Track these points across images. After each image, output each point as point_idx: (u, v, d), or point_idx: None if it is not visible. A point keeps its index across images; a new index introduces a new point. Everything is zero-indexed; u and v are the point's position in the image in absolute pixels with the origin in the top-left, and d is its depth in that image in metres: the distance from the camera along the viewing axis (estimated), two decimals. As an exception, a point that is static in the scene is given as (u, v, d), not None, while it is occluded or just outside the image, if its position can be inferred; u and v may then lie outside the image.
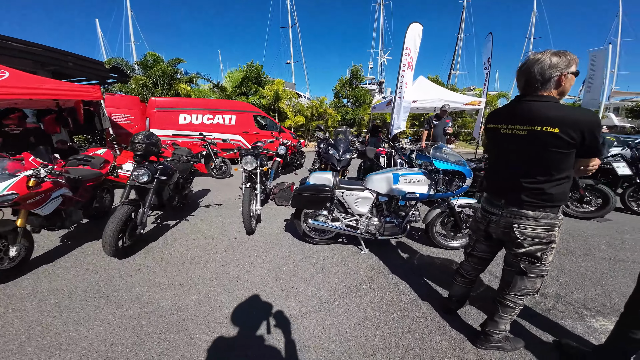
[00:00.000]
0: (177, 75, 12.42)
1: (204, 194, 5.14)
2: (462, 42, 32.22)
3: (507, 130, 1.47)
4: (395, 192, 2.67)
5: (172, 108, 7.81)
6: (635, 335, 1.38)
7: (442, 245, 3.06)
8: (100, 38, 33.38)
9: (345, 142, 4.46)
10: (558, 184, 1.39)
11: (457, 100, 8.49)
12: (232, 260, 2.85)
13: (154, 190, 2.98)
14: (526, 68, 1.40)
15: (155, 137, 3.05)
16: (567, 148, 1.31)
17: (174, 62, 12.48)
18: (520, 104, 1.44)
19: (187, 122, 7.82)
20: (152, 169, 2.94)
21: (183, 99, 9.65)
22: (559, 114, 1.30)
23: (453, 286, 2.05)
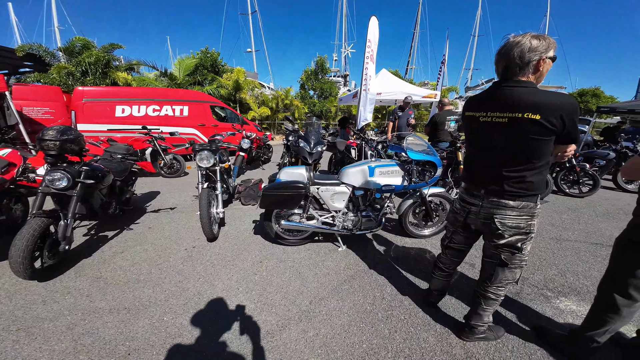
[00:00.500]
0: (113, 63, 10.73)
1: (152, 197, 4.45)
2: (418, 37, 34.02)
3: (486, 118, 1.40)
4: (371, 185, 2.53)
5: (107, 99, 6.65)
6: (610, 319, 1.43)
7: (415, 234, 3.06)
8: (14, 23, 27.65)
9: (316, 133, 4.20)
10: (538, 172, 1.36)
11: (416, 93, 8.89)
12: (191, 273, 2.43)
13: (78, 198, 2.38)
14: (505, 51, 1.32)
15: (73, 133, 2.41)
16: (548, 135, 1.27)
17: (109, 48, 10.74)
18: (499, 90, 1.36)
19: (127, 115, 6.75)
20: (73, 172, 2.34)
21: (120, 88, 8.35)
22: (540, 100, 1.25)
23: (432, 280, 1.99)
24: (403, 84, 9.96)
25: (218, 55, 13.27)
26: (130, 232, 3.19)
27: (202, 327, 1.86)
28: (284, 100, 13.79)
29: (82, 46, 10.18)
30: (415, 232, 3.05)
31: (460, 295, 2.20)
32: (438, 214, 2.98)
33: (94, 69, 9.90)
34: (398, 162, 2.62)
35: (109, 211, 3.07)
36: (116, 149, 3.58)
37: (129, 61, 11.36)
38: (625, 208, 4.45)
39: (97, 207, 2.84)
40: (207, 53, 12.96)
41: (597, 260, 2.78)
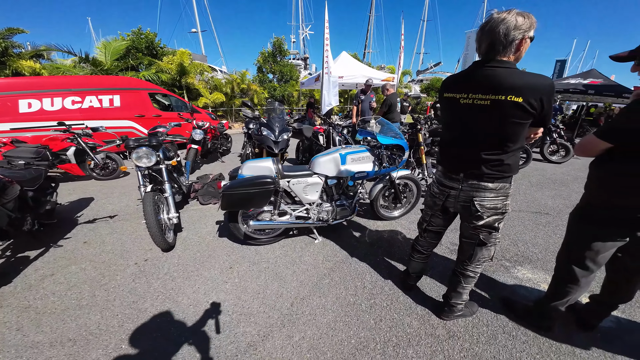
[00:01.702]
0: (13, 50, 8.60)
1: (83, 205, 3.72)
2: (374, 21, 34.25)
3: (467, 100, 1.35)
4: (344, 173, 2.43)
5: (4, 92, 5.29)
6: (571, 289, 1.57)
7: (386, 217, 3.11)
8: None
9: (281, 120, 3.88)
10: (513, 154, 1.38)
11: (376, 76, 9.01)
12: (146, 291, 2.08)
13: None
14: (490, 28, 1.25)
15: None
16: (527, 118, 1.27)
17: (7, 34, 8.56)
18: (481, 71, 1.31)
19: (36, 110, 5.46)
20: None
21: (22, 79, 6.70)
22: (521, 82, 1.22)
23: (411, 263, 2.01)
24: (364, 68, 10.03)
25: (155, 37, 11.61)
26: (59, 249, 2.61)
27: (171, 351, 1.59)
28: (240, 84, 12.73)
29: (-31, 33, 7.92)
30: (386, 214, 3.09)
31: (433, 274, 2.29)
32: (405, 195, 3.05)
33: (-16, 58, 7.82)
34: (368, 147, 2.56)
35: (24, 228, 2.43)
36: (20, 152, 2.82)
37: (37, 47, 9.24)
38: (553, 177, 5.20)
39: (5, 225, 2.22)
40: (141, 34, 11.24)
41: (539, 228, 3.14)
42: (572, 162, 6.50)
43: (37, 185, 2.71)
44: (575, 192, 4.29)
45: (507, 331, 1.77)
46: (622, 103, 11.39)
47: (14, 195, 2.31)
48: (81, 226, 3.10)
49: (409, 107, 10.24)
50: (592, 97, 9.85)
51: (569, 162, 6.44)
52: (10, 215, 2.26)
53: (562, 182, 4.91)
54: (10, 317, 1.81)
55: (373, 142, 2.63)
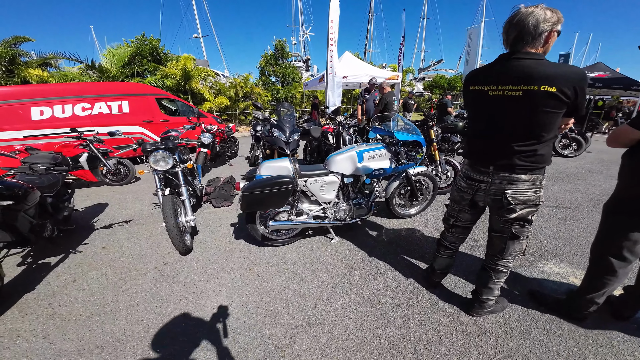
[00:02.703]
0: (21, 58, 8.74)
1: (98, 211, 3.75)
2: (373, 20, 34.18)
3: (497, 91, 1.34)
4: (361, 170, 2.40)
5: (15, 100, 5.36)
6: (609, 280, 1.53)
7: (402, 215, 3.08)
8: None
9: (291, 120, 3.87)
10: (547, 144, 1.36)
11: (379, 75, 8.98)
12: (169, 295, 2.07)
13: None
14: (519, 20, 1.26)
15: None
16: (561, 107, 1.26)
17: (13, 42, 8.66)
18: (511, 62, 1.31)
19: (48, 117, 5.54)
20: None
21: (35, 86, 6.83)
22: (554, 71, 1.22)
23: (437, 259, 1.98)
24: (367, 67, 10.02)
25: (158, 42, 11.71)
26: (79, 255, 2.62)
27: (200, 356, 1.58)
28: (244, 88, 12.81)
29: (-23, 42, 8.07)
30: (403, 212, 3.05)
31: (455, 270, 2.25)
32: (422, 193, 3.01)
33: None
34: (384, 144, 2.53)
35: (45, 234, 2.45)
36: (38, 158, 2.84)
37: (43, 55, 9.37)
38: (567, 171, 5.11)
39: (27, 232, 2.23)
40: (145, 40, 11.33)
41: (560, 222, 3.09)
42: (584, 155, 6.40)
43: (56, 191, 2.73)
44: (591, 185, 4.21)
45: (540, 325, 1.73)
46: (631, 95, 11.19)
47: (34, 202, 2.33)
48: (98, 231, 3.12)
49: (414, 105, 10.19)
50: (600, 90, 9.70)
51: (581, 155, 6.34)
52: (31, 221, 2.28)
53: (577, 175, 4.83)
54: (36, 325, 1.81)
55: (389, 139, 2.60)
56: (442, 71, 32.39)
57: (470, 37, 12.81)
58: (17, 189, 2.13)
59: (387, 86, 5.54)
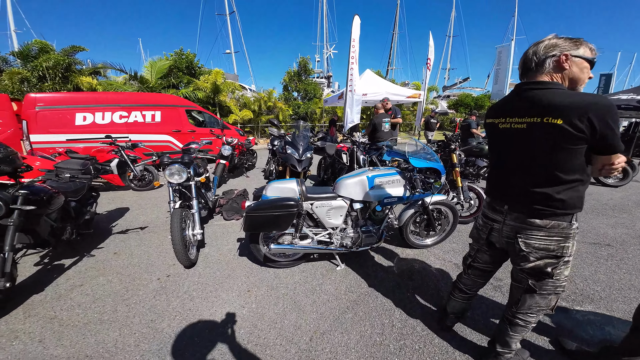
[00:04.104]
0: (75, 67, 9.82)
1: (119, 215, 3.93)
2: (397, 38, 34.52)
3: (505, 124, 1.25)
4: (371, 197, 2.28)
5: (64, 106, 5.94)
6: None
7: (416, 245, 2.86)
8: None
9: (304, 138, 3.87)
10: (569, 187, 1.14)
11: (401, 93, 8.90)
12: (165, 310, 2.04)
13: (15, 227, 1.93)
14: (526, 50, 1.23)
15: (4, 150, 1.96)
16: (574, 143, 1.07)
17: (70, 51, 9.80)
18: (520, 93, 1.23)
19: (89, 123, 6.07)
20: (6, 197, 1.89)
21: (80, 94, 7.56)
22: (561, 101, 1.07)
23: (450, 301, 1.78)
24: (388, 85, 9.97)
25: (194, 57, 12.64)
26: (92, 259, 2.72)
27: (179, 386, 1.51)
28: (267, 102, 13.32)
29: (40, 50, 9.23)
30: (417, 242, 2.84)
31: (474, 314, 2.00)
32: (440, 223, 2.79)
33: (52, 73, 8.98)
34: (398, 170, 2.39)
35: (63, 237, 2.58)
36: (69, 164, 3.06)
37: (95, 64, 10.47)
38: (611, 203, 4.54)
39: (47, 235, 2.36)
40: (182, 54, 12.30)
41: (600, 262, 2.70)
42: (631, 185, 5.68)
43: (80, 196, 2.90)
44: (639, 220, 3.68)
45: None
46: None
47: (58, 206, 2.47)
48: (114, 236, 3.24)
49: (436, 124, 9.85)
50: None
51: (627, 185, 5.63)
52: (52, 225, 2.41)
53: (622, 208, 4.26)
54: (35, 327, 1.85)
55: (404, 164, 2.46)
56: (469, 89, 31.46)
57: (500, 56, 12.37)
58: (43, 194, 2.27)
59: (380, 108, 5.49)
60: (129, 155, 4.99)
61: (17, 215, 1.94)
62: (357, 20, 7.58)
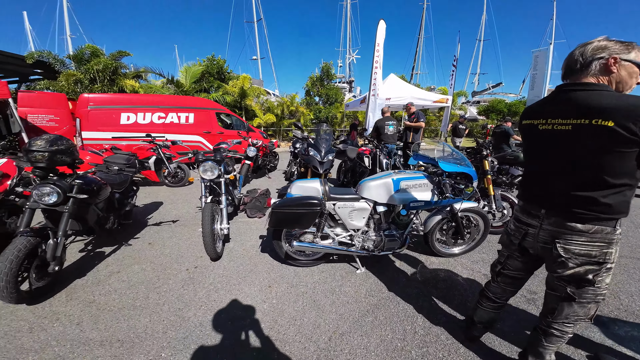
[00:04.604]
0: (121, 70, 10.76)
1: (153, 209, 4.22)
2: (423, 42, 33.82)
3: (546, 125, 1.19)
4: (396, 200, 2.24)
5: (112, 106, 6.53)
6: None
7: (442, 253, 2.74)
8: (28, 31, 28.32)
9: (327, 141, 3.92)
10: (616, 191, 1.07)
11: (427, 97, 8.65)
12: (192, 300, 2.15)
13: (70, 214, 2.15)
14: (570, 51, 1.19)
15: (65, 143, 2.18)
16: (626, 146, 1.00)
17: (117, 55, 10.76)
18: (561, 94, 1.18)
19: (132, 122, 6.61)
20: (64, 186, 2.11)
21: (125, 95, 8.26)
22: (613, 103, 1.02)
23: (478, 311, 1.69)
24: (412, 89, 9.74)
25: (224, 63, 13.29)
26: (129, 248, 2.95)
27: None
28: (290, 106, 13.66)
29: (91, 53, 10.24)
30: (443, 250, 2.72)
31: (503, 325, 1.88)
32: (470, 231, 2.66)
33: (102, 76, 9.92)
34: (425, 173, 2.33)
35: (107, 226, 2.83)
36: (116, 158, 3.36)
37: (137, 68, 11.40)
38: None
39: (93, 223, 2.60)
40: (214, 60, 12.99)
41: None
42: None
43: (124, 188, 3.16)
44: None
45: None
46: None
47: (105, 197, 2.72)
48: (149, 228, 3.49)
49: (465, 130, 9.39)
50: None
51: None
52: (99, 214, 2.65)
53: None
54: (75, 311, 2.02)
55: (432, 168, 2.38)
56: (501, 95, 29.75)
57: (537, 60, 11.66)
58: (94, 184, 2.51)
59: (386, 112, 5.63)
60: (165, 154, 5.35)
61: (72, 203, 2.16)
62: (383, 24, 7.57)
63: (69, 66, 10.31)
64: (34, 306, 2.04)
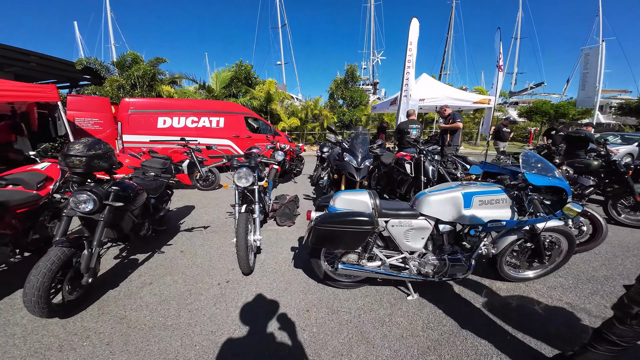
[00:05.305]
0: (158, 76, 11.34)
1: (186, 213, 4.18)
2: (452, 42, 32.26)
3: None
4: (467, 219, 1.85)
5: (150, 110, 6.76)
6: None
7: (512, 277, 2.30)
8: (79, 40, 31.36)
9: (363, 145, 3.59)
10: None
11: (465, 98, 7.98)
12: (225, 322, 1.95)
13: (105, 222, 2.05)
14: None
15: (102, 147, 2.08)
16: None
17: (155, 62, 11.39)
18: None
19: (168, 126, 6.78)
20: (101, 193, 2.01)
21: (162, 100, 8.59)
22: None
23: (587, 354, 1.37)
24: (448, 89, 9.05)
25: (251, 68, 13.52)
26: (162, 256, 2.85)
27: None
28: (313, 110, 13.53)
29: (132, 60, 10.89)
30: (513, 274, 2.28)
31: None
32: (550, 254, 2.18)
33: (141, 82, 10.49)
34: (502, 187, 1.92)
35: (141, 233, 2.75)
36: (153, 162, 3.32)
37: (172, 74, 11.93)
38: None
39: (128, 230, 2.52)
40: (242, 66, 13.26)
41: None
42: None
43: (159, 193, 3.10)
44: None
45: None
46: None
47: (141, 203, 2.64)
48: (181, 234, 3.41)
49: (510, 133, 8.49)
50: None
51: None
52: (134, 220, 2.57)
53: None
54: (106, 328, 1.89)
55: (509, 181, 1.96)
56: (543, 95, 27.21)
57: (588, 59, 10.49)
58: (130, 190, 2.42)
59: (411, 115, 5.50)
60: (197, 157, 5.38)
61: (108, 211, 2.07)
62: (416, 22, 7.19)
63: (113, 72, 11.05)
64: (65, 320, 1.95)
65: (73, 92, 11.46)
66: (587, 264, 2.72)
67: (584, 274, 2.54)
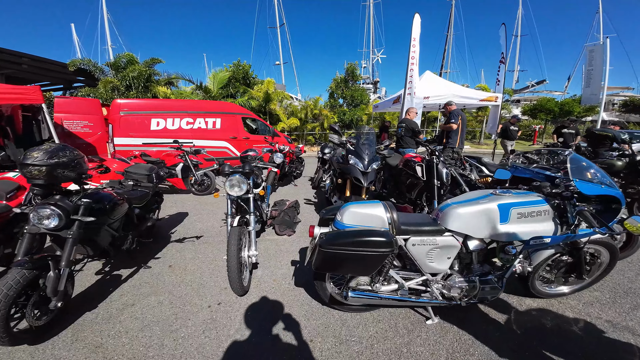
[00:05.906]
0: (154, 77, 11.05)
1: (179, 220, 3.89)
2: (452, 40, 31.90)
3: None
4: (505, 237, 1.56)
5: (143, 112, 6.47)
6: None
7: (543, 293, 2.02)
8: (76, 42, 31.09)
9: (371, 147, 3.28)
10: None
11: (472, 95, 7.68)
12: (214, 352, 1.67)
13: (74, 240, 1.77)
14: None
15: (69, 154, 1.79)
16: None
17: (150, 63, 11.09)
18: None
19: (162, 128, 6.49)
20: (67, 206, 1.73)
21: (156, 100, 8.28)
22: None
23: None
24: (454, 87, 8.74)
25: (249, 68, 13.24)
26: (148, 272, 2.56)
27: None
28: (313, 110, 13.23)
29: (127, 61, 10.59)
30: (545, 290, 2.00)
31: None
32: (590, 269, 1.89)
33: (136, 83, 10.20)
34: (542, 196, 1.63)
35: (124, 247, 2.46)
36: (137, 169, 3.02)
37: (169, 75, 11.65)
38: None
39: (107, 245, 2.23)
40: (239, 66, 12.97)
41: None
42: None
43: (145, 202, 2.80)
44: None
45: None
46: None
47: (121, 215, 2.34)
48: (171, 245, 3.12)
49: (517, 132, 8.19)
50: None
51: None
52: (113, 234, 2.28)
53: None
54: (79, 357, 1.63)
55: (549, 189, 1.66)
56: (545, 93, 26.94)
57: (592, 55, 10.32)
58: (108, 201, 2.13)
59: (411, 113, 5.36)
60: (192, 161, 5.08)
61: (77, 227, 1.78)
62: (418, 18, 6.98)
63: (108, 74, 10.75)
64: (34, 347, 1.69)
65: (67, 94, 11.17)
66: (621, 274, 2.44)
67: (620, 286, 2.27)
